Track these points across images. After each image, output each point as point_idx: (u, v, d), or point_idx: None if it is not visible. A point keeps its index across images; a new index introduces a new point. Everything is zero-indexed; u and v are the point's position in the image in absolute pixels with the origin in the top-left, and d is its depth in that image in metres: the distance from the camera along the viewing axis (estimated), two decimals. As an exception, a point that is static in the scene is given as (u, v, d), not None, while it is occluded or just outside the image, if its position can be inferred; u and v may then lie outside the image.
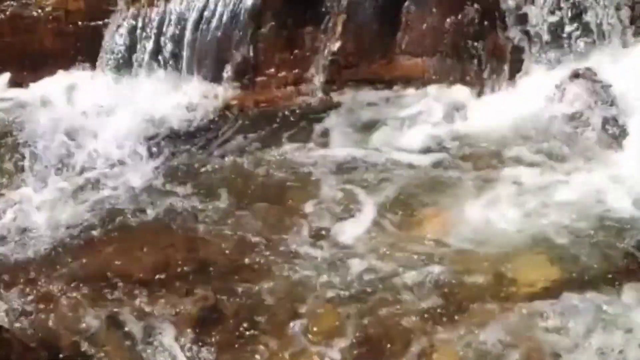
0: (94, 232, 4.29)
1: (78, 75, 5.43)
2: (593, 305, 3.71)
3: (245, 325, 3.76)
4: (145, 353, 3.65)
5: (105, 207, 4.44)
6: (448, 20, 5.13)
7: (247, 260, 4.08)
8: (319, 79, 5.28)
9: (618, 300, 3.75)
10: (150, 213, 4.40)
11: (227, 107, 5.21)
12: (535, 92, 4.95)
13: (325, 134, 4.96)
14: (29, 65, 5.49)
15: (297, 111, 5.14)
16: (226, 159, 4.80)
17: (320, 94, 5.26)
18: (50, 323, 3.77)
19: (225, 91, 5.29)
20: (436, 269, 3.95)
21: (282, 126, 5.05)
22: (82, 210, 4.43)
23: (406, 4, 5.20)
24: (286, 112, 5.14)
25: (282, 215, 4.35)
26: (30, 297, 3.89)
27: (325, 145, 4.87)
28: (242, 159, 4.79)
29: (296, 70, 5.31)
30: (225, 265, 4.07)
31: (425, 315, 3.75)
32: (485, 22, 5.10)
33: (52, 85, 5.41)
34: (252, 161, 4.77)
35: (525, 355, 3.56)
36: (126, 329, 3.74)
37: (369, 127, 5.00)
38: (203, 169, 4.74)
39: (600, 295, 3.76)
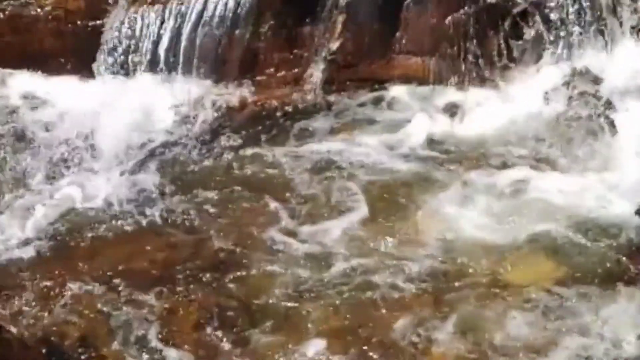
0: (88, 235, 4.30)
1: (76, 75, 5.42)
2: (587, 304, 3.74)
3: (233, 323, 3.78)
4: (142, 351, 3.67)
5: (97, 209, 4.45)
6: (447, 20, 5.14)
7: (237, 260, 4.10)
8: (318, 79, 5.28)
9: (611, 300, 3.77)
10: (142, 215, 4.41)
11: (225, 107, 5.20)
12: (534, 92, 4.97)
13: (321, 133, 4.97)
14: (28, 64, 5.48)
15: (296, 111, 5.15)
16: (220, 159, 4.81)
17: (319, 94, 5.26)
18: (50, 323, 3.78)
19: (223, 91, 5.29)
20: (422, 267, 3.97)
21: (280, 126, 5.06)
22: (74, 212, 4.44)
23: (406, 3, 5.21)
24: (285, 112, 5.14)
25: (274, 215, 4.37)
26: (29, 298, 3.90)
27: (323, 144, 4.88)
28: (236, 159, 4.79)
29: (295, 70, 5.31)
30: (217, 264, 4.10)
31: (411, 313, 3.76)
32: (485, 22, 5.11)
33: (50, 86, 5.40)
34: (246, 161, 4.78)
35: (516, 353, 3.57)
36: (124, 328, 3.75)
37: (365, 127, 5.01)
38: (197, 170, 4.75)
39: (594, 294, 3.79)
